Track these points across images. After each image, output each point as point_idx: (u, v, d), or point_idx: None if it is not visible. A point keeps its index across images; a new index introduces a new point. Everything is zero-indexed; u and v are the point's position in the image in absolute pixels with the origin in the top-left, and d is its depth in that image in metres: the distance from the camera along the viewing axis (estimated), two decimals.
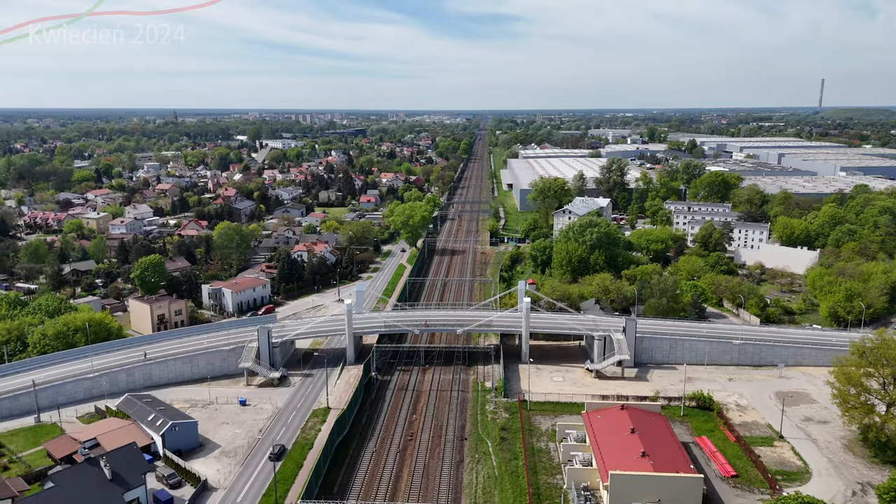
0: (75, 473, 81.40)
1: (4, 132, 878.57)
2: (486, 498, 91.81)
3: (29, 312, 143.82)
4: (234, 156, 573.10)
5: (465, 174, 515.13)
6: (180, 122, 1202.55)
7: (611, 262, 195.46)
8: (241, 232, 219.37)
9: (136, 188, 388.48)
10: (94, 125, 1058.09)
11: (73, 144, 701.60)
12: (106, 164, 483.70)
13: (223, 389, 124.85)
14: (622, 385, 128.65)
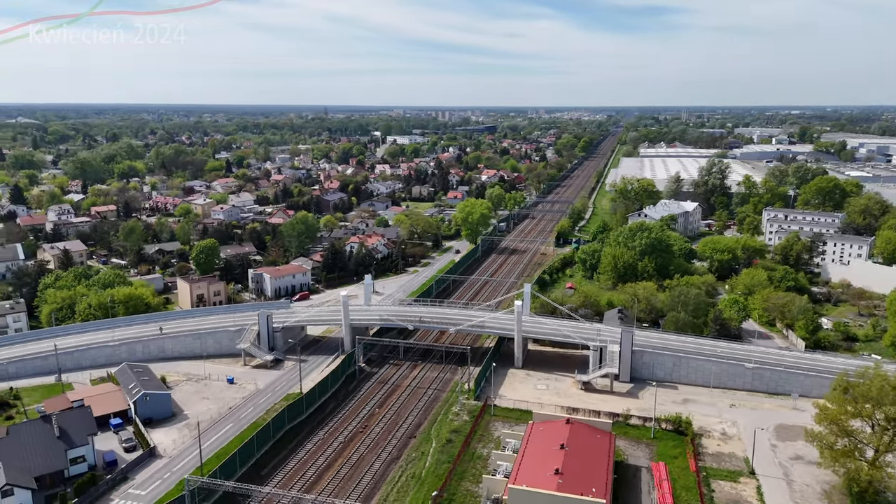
0: (29, 427, 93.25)
1: (177, 126, 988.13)
2: (398, 497, 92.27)
3: (89, 284, 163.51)
4: (357, 150, 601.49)
5: (575, 172, 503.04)
6: (329, 117, 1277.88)
7: (661, 271, 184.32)
8: (307, 222, 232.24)
9: (254, 178, 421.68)
10: (253, 120, 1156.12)
11: (227, 137, 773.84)
12: (239, 155, 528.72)
13: (222, 367, 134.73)
14: (605, 400, 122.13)
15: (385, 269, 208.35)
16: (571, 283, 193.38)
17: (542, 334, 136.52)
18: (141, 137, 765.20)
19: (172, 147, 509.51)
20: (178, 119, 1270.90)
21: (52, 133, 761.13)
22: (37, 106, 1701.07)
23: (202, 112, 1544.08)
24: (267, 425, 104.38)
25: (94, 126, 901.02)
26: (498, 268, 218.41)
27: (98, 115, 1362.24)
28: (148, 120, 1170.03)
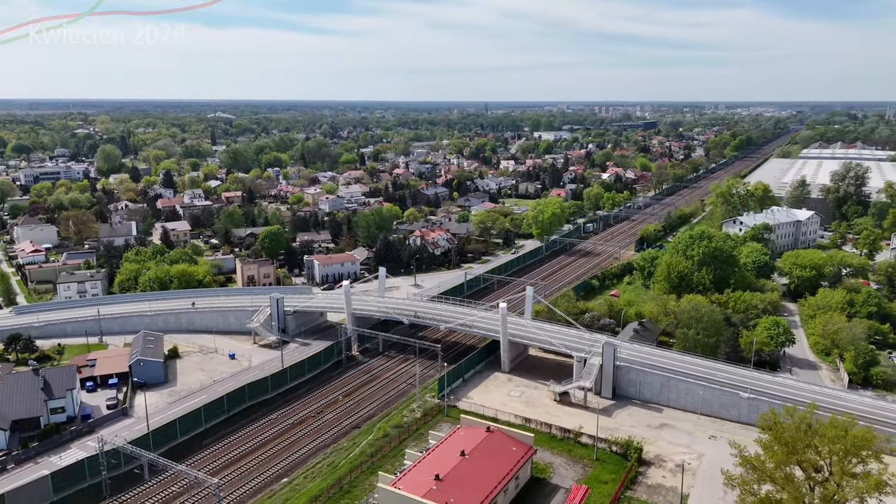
0: (20, 377, 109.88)
1: (346, 121, 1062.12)
2: (302, 482, 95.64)
3: (161, 260, 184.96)
4: (490, 146, 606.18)
5: (717, 173, 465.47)
6: (487, 114, 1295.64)
7: (719, 284, 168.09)
8: (382, 214, 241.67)
9: (379, 171, 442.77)
10: (415, 116, 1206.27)
11: (381, 132, 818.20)
12: (378, 150, 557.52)
13: (234, 343, 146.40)
14: (573, 414, 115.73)
15: (439, 263, 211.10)
16: (616, 291, 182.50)
17: (527, 339, 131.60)
18: (309, 131, 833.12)
19: (315, 140, 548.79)
20: (352, 115, 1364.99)
21: (235, 126, 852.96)
22: (238, 102, 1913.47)
23: (379, 108, 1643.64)
24: (220, 399, 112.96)
25: (274, 120, 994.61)
26: (556, 270, 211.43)
27: (289, 110, 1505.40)
28: (326, 115, 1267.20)
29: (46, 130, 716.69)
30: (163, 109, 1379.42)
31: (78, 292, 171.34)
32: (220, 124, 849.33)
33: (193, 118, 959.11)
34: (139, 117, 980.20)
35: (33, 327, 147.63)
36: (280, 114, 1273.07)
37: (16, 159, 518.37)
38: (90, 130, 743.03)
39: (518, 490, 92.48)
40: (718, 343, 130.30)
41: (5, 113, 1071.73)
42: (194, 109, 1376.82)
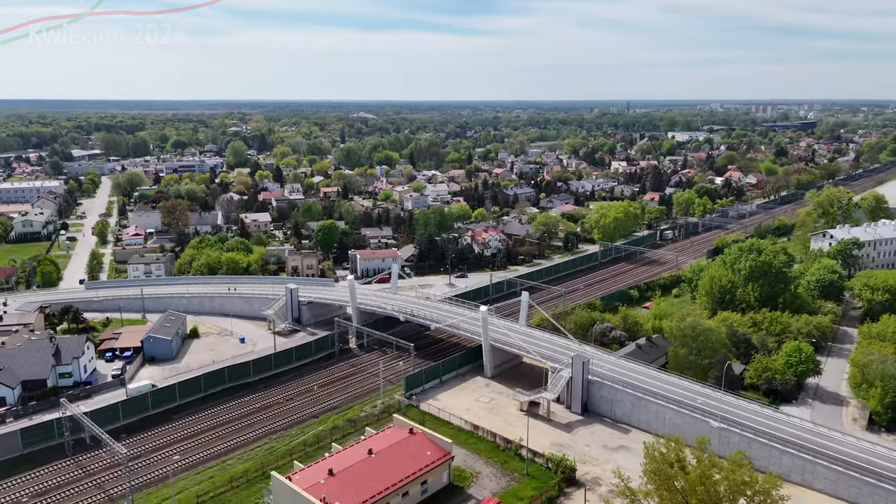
0: (36, 343, 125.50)
1: (478, 120, 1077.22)
2: (234, 464, 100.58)
3: (221, 248, 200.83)
4: (608, 146, 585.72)
5: (859, 181, 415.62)
6: (626, 113, 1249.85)
7: (767, 302, 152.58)
8: (442, 212, 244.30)
9: (481, 170, 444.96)
10: (548, 115, 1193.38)
11: (506, 131, 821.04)
12: (489, 149, 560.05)
13: (251, 327, 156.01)
14: (534, 426, 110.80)
15: (485, 264, 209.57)
16: (651, 303, 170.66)
17: (507, 344, 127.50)
18: (440, 130, 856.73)
19: (428, 139, 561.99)
20: (487, 114, 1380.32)
21: (370, 125, 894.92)
22: (383, 103, 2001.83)
23: (519, 107, 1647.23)
24: (197, 379, 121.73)
25: (409, 120, 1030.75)
26: (601, 279, 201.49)
27: (432, 110, 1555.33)
28: (462, 115, 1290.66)
29: (206, 129, 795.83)
30: (314, 109, 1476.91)
31: (144, 273, 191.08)
32: (356, 123, 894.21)
33: (334, 117, 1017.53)
34: (288, 116, 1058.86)
35: (93, 301, 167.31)
36: (421, 114, 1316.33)
37: (172, 154, 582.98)
38: (242, 129, 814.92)
39: (426, 495, 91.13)
40: (712, 365, 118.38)
41: (172, 113, 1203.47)
42: (342, 109, 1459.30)
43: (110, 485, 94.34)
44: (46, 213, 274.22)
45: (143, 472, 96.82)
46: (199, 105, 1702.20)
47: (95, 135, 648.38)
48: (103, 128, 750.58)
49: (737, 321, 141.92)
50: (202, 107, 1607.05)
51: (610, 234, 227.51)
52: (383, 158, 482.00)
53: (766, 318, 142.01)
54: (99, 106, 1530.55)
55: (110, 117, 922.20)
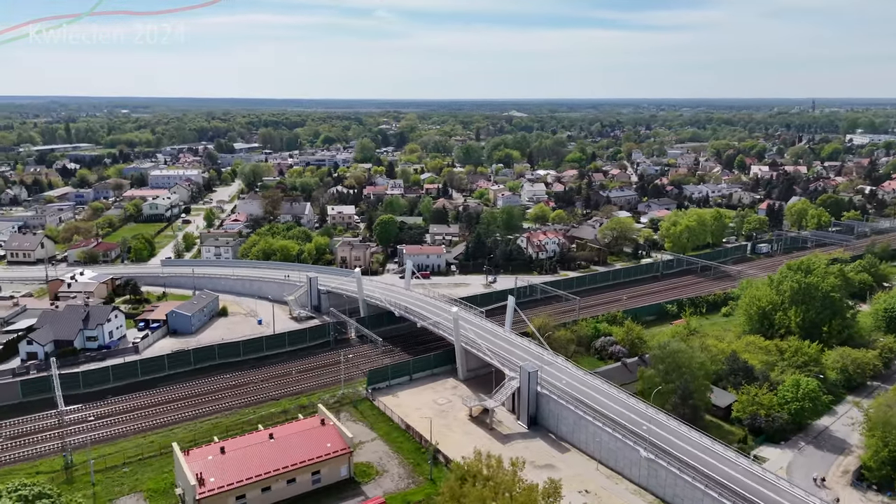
0: (72, 309, 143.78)
1: (633, 118, 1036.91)
2: (175, 435, 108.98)
3: (288, 236, 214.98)
4: (758, 149, 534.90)
5: None
6: (811, 112, 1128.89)
7: (810, 329, 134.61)
8: (511, 212, 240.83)
9: (600, 170, 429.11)
10: (713, 114, 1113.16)
11: (652, 131, 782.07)
12: (617, 150, 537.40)
13: (277, 311, 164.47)
14: (466, 433, 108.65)
15: (534, 267, 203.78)
16: (682, 320, 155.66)
17: (473, 347, 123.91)
18: (586, 129, 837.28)
19: (552, 139, 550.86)
20: (647, 112, 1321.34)
21: (514, 123, 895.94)
22: (540, 101, 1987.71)
23: (687, 105, 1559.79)
24: (186, 352, 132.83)
25: (557, 119, 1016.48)
26: (654, 291, 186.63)
27: (592, 108, 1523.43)
28: (620, 113, 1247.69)
29: (359, 126, 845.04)
30: (473, 108, 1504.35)
31: (214, 254, 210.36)
32: (501, 122, 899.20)
33: (481, 116, 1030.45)
34: (439, 115, 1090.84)
35: (160, 277, 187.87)
36: (577, 112, 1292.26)
37: (322, 148, 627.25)
38: (391, 126, 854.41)
39: (318, 485, 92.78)
40: (673, 391, 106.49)
41: (324, 111, 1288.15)
42: (499, 108, 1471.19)
43: (66, 437, 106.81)
44: (174, 198, 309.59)
45: (91, 432, 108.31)
46: (369, 104, 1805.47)
47: (262, 130, 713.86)
48: (270, 124, 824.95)
49: (762, 346, 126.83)
50: (370, 105, 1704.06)
51: (681, 243, 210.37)
52: (502, 157, 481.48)
53: (791, 346, 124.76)
54: (281, 104, 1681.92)
55: (278, 114, 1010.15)
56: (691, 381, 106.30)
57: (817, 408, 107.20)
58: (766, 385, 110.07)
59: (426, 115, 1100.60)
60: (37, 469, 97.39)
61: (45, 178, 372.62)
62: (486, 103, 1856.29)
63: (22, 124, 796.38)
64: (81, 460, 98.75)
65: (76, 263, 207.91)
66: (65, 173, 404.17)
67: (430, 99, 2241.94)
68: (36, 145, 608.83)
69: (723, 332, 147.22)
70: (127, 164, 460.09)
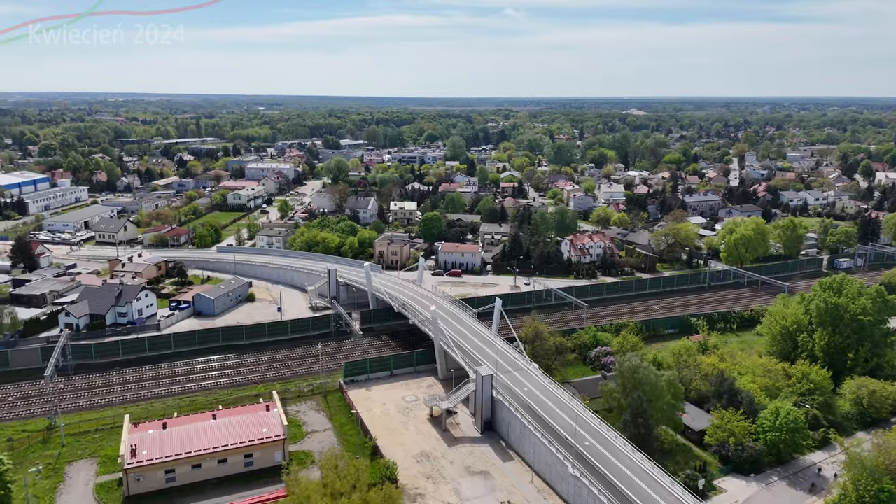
0: (107, 286, 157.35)
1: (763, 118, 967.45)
2: (154, 408, 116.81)
3: (335, 229, 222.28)
4: (893, 154, 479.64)
5: None
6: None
7: (836, 356, 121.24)
8: (565, 214, 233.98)
9: (695, 172, 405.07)
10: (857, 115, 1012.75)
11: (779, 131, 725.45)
12: (724, 151, 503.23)
13: (301, 300, 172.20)
14: (419, 433, 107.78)
15: (573, 271, 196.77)
16: (699, 336, 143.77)
17: (448, 346, 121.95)
18: (704, 128, 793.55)
19: (654, 138, 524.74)
20: (784, 110, 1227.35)
21: (629, 122, 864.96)
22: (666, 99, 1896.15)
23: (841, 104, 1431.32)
24: (192, 333, 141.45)
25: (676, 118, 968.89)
26: (692, 303, 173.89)
27: (726, 106, 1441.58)
28: (756, 112, 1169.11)
29: (466, 124, 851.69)
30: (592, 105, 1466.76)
31: (267, 243, 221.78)
32: (614, 121, 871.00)
33: (593, 114, 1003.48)
34: (550, 113, 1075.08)
35: (209, 262, 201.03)
36: (703, 111, 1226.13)
37: (423, 146, 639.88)
38: (497, 124, 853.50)
39: (250, 468, 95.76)
40: (625, 408, 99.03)
41: (443, 108, 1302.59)
42: (615, 105, 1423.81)
43: (71, 402, 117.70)
44: (258, 190, 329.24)
45: (80, 399, 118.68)
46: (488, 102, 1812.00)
47: (368, 128, 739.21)
48: (381, 121, 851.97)
49: (770, 369, 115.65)
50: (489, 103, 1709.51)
51: (736, 253, 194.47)
52: (596, 156, 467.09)
53: (798, 371, 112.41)
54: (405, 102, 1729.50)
55: (391, 112, 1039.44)
56: (654, 399, 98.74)
57: (797, 440, 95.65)
58: (741, 411, 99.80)
59: (538, 114, 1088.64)
60: (24, 427, 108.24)
61: (159, 168, 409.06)
62: (606, 101, 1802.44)
63: (165, 119, 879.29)
64: (66, 422, 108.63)
65: (150, 246, 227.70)
66: (181, 164, 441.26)
67: (550, 97, 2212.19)
68: (169, 138, 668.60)
69: (746, 351, 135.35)
70: (237, 156, 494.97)
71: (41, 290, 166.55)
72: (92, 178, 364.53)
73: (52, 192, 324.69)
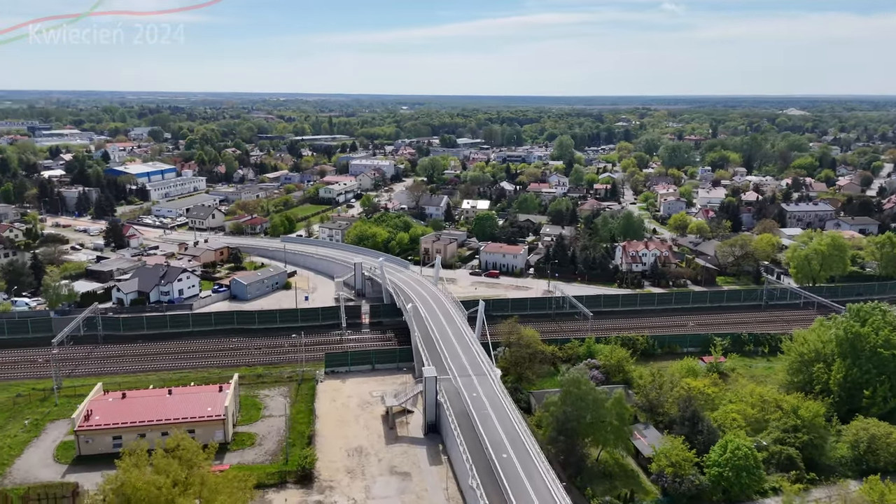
0: (154, 267, 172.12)
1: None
2: (150, 381, 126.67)
3: (389, 225, 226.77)
4: None
5: None
6: None
7: (853, 391, 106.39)
8: (630, 219, 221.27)
9: (831, 180, 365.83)
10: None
11: None
12: (855, 154, 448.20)
13: (332, 290, 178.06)
14: (364, 427, 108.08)
15: (615, 278, 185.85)
16: (710, 358, 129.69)
17: (420, 345, 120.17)
18: (866, 130, 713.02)
19: (787, 140, 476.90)
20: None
21: (778, 123, 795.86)
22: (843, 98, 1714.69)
23: None
24: (208, 314, 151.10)
25: (848, 118, 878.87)
26: (730, 322, 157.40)
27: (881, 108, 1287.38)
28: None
29: (594, 123, 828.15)
30: (751, 104, 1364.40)
31: (327, 236, 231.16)
32: (760, 121, 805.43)
33: (739, 113, 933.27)
34: (690, 112, 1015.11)
35: (267, 250, 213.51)
36: (881, 111, 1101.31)
37: (539, 145, 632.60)
38: (628, 123, 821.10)
39: None
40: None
41: (572, 108, 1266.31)
42: (774, 104, 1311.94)
43: (82, 367, 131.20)
44: (350, 185, 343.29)
45: (92, 366, 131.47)
46: (632, 100, 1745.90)
47: (489, 127, 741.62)
48: (505, 120, 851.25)
49: (764, 400, 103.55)
50: (633, 101, 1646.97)
51: (807, 270, 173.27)
52: (716, 159, 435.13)
53: (788, 404, 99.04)
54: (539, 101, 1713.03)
55: (519, 111, 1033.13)
56: (595, 417, 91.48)
57: (741, 479, 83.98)
58: (683, 440, 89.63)
59: (678, 113, 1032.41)
60: (35, 385, 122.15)
61: (273, 162, 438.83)
62: (765, 100, 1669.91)
63: (306, 118, 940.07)
64: (71, 385, 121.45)
65: (230, 234, 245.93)
66: (298, 158, 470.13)
67: (700, 95, 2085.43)
68: (304, 135, 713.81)
69: (767, 378, 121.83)
70: (353, 153, 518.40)
71: (109, 268, 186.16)
72: (213, 169, 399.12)
73: (174, 181, 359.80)
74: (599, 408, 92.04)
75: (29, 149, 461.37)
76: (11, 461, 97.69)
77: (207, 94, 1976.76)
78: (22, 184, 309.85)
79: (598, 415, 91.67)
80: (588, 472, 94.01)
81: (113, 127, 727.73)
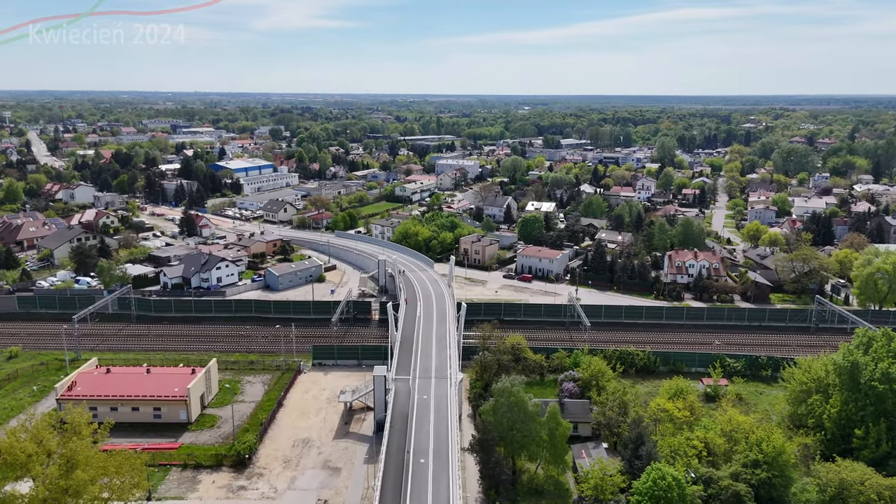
0: (197, 254, 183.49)
1: None
2: (157, 359, 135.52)
3: (436, 225, 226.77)
4: None
5: None
6: None
7: (847, 426, 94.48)
8: (688, 227, 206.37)
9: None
10: None
11: None
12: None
13: (357, 282, 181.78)
14: (323, 420, 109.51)
15: (651, 289, 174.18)
16: (709, 379, 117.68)
17: (395, 343, 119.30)
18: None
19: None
20: None
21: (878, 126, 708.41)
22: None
23: None
24: (229, 302, 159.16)
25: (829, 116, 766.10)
26: (764, 343, 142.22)
27: None
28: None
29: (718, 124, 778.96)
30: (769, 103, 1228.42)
31: (379, 233, 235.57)
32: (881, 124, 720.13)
33: (892, 115, 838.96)
34: (833, 113, 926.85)
35: (316, 243, 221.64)
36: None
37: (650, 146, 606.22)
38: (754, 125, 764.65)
39: (158, 420, 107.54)
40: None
41: (704, 108, 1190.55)
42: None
43: (107, 343, 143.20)
44: (426, 184, 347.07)
45: (116, 342, 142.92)
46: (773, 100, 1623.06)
47: (595, 128, 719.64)
48: (620, 121, 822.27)
49: (737, 430, 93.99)
50: (774, 101, 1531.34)
51: (871, 291, 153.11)
52: (839, 164, 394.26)
53: (754, 437, 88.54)
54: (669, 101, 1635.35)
55: (636, 112, 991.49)
56: (525, 430, 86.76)
57: None
58: (623, 463, 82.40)
59: (820, 114, 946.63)
60: (58, 356, 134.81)
61: (364, 160, 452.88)
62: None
63: (419, 118, 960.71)
64: (87, 357, 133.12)
65: (296, 227, 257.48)
66: (393, 156, 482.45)
67: (855, 94, 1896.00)
68: (412, 135, 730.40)
69: (767, 405, 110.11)
70: (449, 153, 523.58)
71: (167, 254, 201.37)
72: (308, 166, 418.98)
73: (268, 176, 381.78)
74: (529, 421, 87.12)
75: (160, 145, 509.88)
76: (7, 421, 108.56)
77: (343, 96, 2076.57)
78: (133, 176, 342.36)
79: (526, 428, 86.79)
80: (522, 487, 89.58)
81: (241, 125, 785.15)
